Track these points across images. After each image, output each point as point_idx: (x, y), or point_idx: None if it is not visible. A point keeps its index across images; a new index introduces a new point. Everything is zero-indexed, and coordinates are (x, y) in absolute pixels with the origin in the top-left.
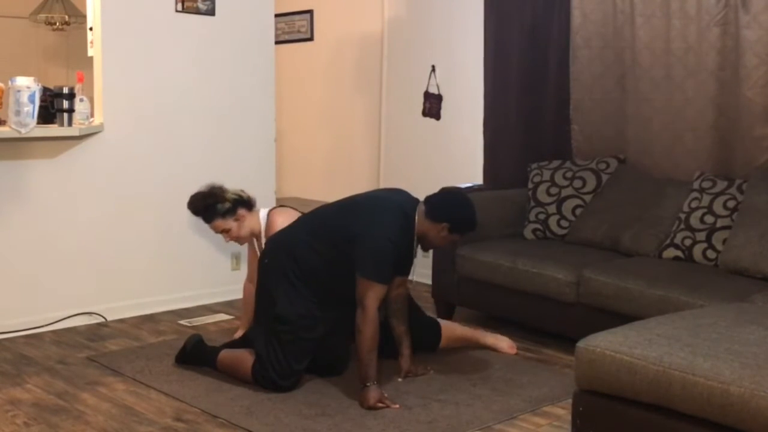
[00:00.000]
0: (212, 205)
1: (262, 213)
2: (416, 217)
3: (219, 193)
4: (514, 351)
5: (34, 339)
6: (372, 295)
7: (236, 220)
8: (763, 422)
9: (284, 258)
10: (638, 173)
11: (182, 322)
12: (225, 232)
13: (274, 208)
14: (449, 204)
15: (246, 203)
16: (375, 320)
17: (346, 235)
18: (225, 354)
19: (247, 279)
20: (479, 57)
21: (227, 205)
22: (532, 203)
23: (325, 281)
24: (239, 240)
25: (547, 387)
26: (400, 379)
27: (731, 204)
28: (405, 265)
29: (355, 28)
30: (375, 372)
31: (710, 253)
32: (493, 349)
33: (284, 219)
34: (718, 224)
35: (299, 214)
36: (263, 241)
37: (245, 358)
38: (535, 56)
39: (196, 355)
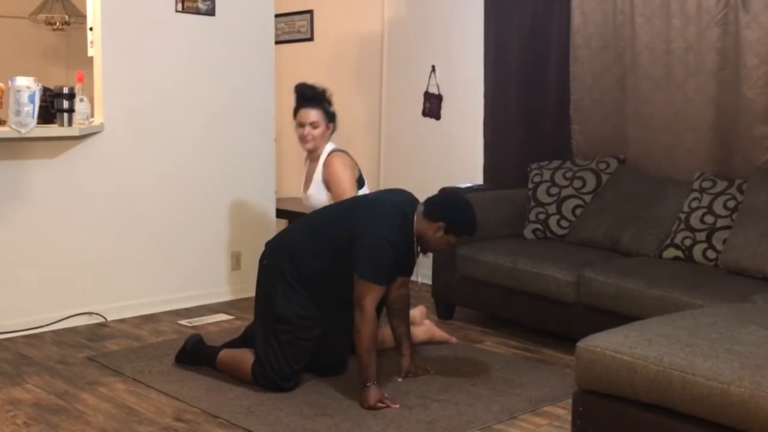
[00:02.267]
0: (323, 97)
1: (330, 145)
2: (415, 218)
3: (328, 98)
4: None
5: (34, 339)
6: (370, 297)
7: (327, 127)
8: (763, 422)
9: (282, 259)
10: (638, 173)
11: (182, 322)
12: (314, 126)
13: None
14: (446, 204)
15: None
16: (373, 321)
17: (343, 237)
18: (225, 354)
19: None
20: (479, 57)
21: (332, 109)
22: (532, 203)
23: (323, 282)
24: (314, 144)
25: (547, 387)
26: (400, 379)
27: (731, 204)
28: (405, 265)
29: (355, 28)
30: (375, 372)
31: (710, 253)
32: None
33: (342, 162)
34: (718, 224)
35: (354, 164)
36: (318, 169)
37: (245, 358)
38: (535, 56)
39: (195, 354)
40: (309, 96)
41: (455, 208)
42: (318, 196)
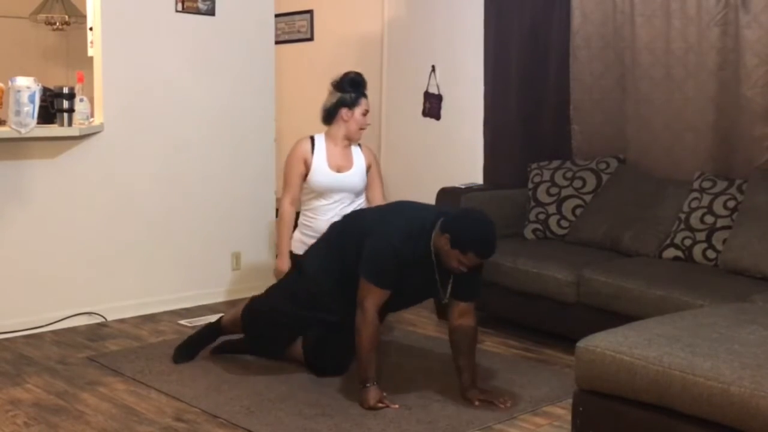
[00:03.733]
0: None
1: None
2: (434, 232)
3: None
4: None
5: (34, 339)
6: (371, 298)
7: None
8: (763, 422)
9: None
10: (638, 173)
11: (182, 322)
12: (365, 114)
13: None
14: (459, 216)
15: None
16: (373, 322)
17: (359, 236)
18: (226, 317)
19: (290, 201)
20: (479, 57)
21: None
22: (532, 203)
23: (342, 277)
24: (364, 130)
25: (547, 387)
26: (476, 403)
27: (731, 204)
28: (424, 281)
29: (355, 28)
30: (374, 372)
31: (710, 253)
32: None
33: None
34: (718, 224)
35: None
36: (358, 155)
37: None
38: (535, 56)
39: (199, 339)
40: (365, 86)
41: (465, 222)
42: (358, 179)
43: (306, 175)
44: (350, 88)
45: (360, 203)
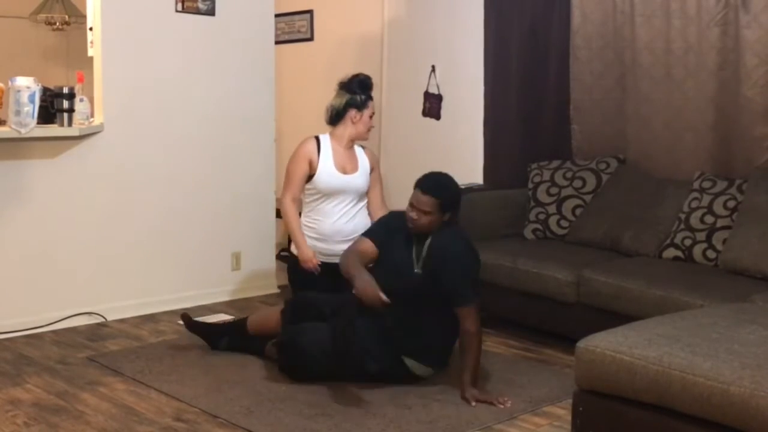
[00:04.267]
0: None
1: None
2: None
3: None
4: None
5: (34, 339)
6: (356, 243)
7: None
8: (763, 422)
9: None
10: (638, 173)
11: (182, 322)
12: (372, 116)
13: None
14: None
15: None
16: (354, 250)
17: None
18: (253, 317)
19: (291, 199)
20: (479, 57)
21: None
22: (532, 203)
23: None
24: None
25: (547, 387)
26: (473, 403)
27: (731, 204)
28: (402, 259)
29: (355, 28)
30: (359, 268)
31: (710, 253)
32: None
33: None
34: (718, 224)
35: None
36: (361, 156)
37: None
38: (535, 56)
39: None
40: (372, 88)
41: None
42: (363, 181)
43: (309, 175)
44: (359, 90)
45: (363, 205)
